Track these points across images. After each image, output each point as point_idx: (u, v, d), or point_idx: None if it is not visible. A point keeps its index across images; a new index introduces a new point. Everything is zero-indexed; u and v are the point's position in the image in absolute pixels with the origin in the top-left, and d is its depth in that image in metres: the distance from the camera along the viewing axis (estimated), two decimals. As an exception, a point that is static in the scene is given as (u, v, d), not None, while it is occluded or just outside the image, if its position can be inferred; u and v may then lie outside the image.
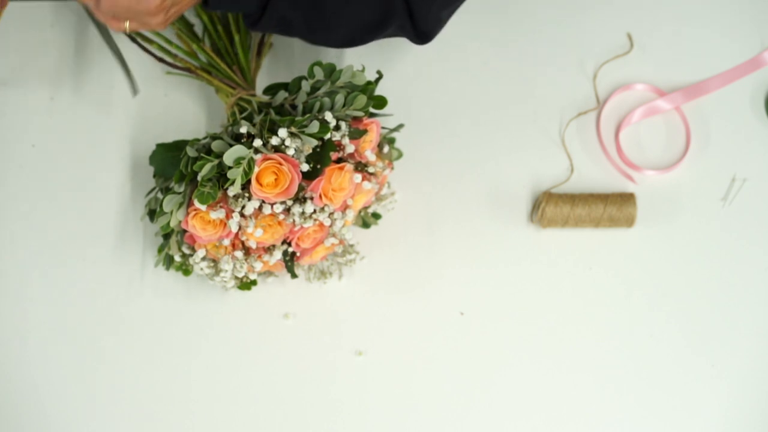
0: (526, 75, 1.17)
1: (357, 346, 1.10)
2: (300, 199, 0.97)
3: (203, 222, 0.96)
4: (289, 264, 1.05)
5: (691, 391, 1.08)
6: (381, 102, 1.02)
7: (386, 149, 1.06)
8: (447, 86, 1.17)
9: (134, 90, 1.09)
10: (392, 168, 1.07)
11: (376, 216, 1.11)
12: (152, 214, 1.04)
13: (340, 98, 0.98)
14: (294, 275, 1.06)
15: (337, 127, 0.97)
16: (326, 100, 0.98)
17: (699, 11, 1.19)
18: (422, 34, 0.99)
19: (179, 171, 0.97)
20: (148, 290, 1.11)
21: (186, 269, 1.05)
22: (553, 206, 1.10)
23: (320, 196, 0.96)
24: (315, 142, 0.95)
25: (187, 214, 0.96)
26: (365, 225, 1.11)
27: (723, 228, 1.13)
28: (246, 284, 1.06)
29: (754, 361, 1.09)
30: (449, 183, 1.14)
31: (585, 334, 1.10)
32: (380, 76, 1.04)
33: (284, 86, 1.04)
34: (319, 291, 1.11)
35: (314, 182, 0.96)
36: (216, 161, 0.94)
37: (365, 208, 1.08)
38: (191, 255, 1.01)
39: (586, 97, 1.17)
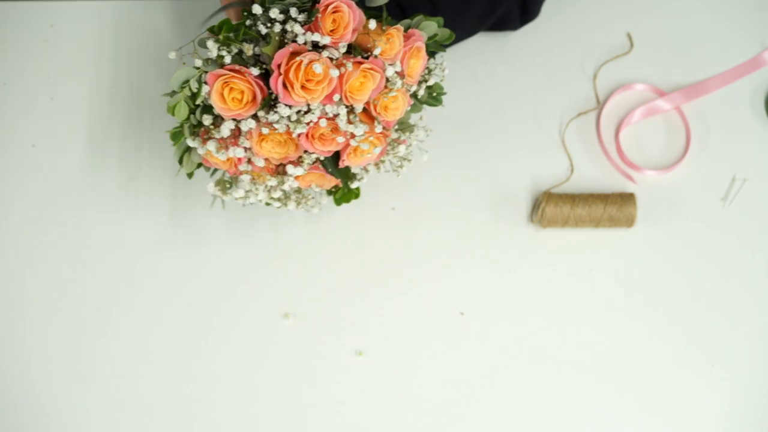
0: (527, 75, 1.18)
1: (357, 346, 1.10)
2: (272, 104, 0.90)
3: (212, 158, 0.94)
4: (331, 170, 0.97)
5: (691, 391, 1.08)
6: None
7: (373, 25, 0.90)
8: (447, 87, 1.17)
9: None
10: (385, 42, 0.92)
11: (439, 91, 1.00)
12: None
13: None
14: (345, 178, 0.99)
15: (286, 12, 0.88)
16: None
17: (699, 11, 1.19)
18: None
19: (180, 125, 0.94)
20: (147, 290, 1.11)
21: (224, 185, 0.99)
22: (553, 206, 1.10)
23: (285, 90, 0.88)
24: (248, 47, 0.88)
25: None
26: (426, 104, 1.01)
27: (723, 228, 1.13)
28: (341, 194, 1.01)
29: (754, 361, 1.09)
30: (449, 182, 1.14)
31: (585, 334, 1.10)
32: None
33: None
34: (318, 291, 1.11)
35: (271, 78, 0.88)
36: (191, 100, 0.90)
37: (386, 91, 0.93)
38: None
39: (586, 97, 1.17)
